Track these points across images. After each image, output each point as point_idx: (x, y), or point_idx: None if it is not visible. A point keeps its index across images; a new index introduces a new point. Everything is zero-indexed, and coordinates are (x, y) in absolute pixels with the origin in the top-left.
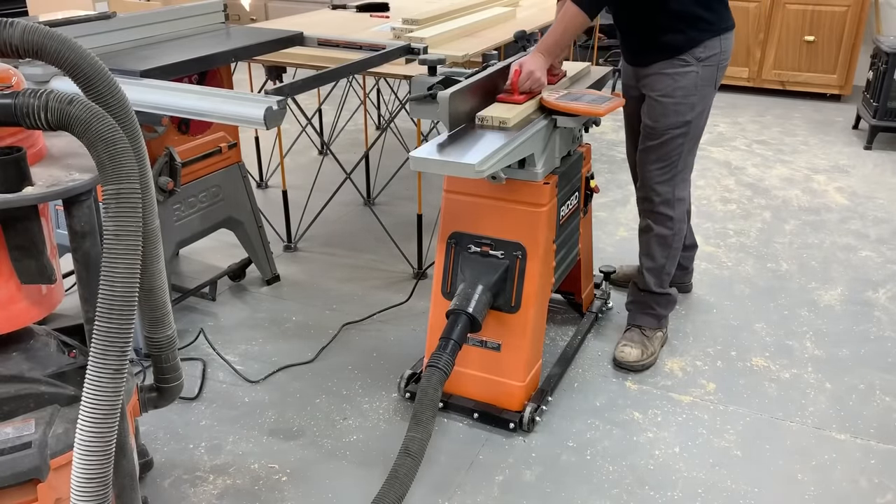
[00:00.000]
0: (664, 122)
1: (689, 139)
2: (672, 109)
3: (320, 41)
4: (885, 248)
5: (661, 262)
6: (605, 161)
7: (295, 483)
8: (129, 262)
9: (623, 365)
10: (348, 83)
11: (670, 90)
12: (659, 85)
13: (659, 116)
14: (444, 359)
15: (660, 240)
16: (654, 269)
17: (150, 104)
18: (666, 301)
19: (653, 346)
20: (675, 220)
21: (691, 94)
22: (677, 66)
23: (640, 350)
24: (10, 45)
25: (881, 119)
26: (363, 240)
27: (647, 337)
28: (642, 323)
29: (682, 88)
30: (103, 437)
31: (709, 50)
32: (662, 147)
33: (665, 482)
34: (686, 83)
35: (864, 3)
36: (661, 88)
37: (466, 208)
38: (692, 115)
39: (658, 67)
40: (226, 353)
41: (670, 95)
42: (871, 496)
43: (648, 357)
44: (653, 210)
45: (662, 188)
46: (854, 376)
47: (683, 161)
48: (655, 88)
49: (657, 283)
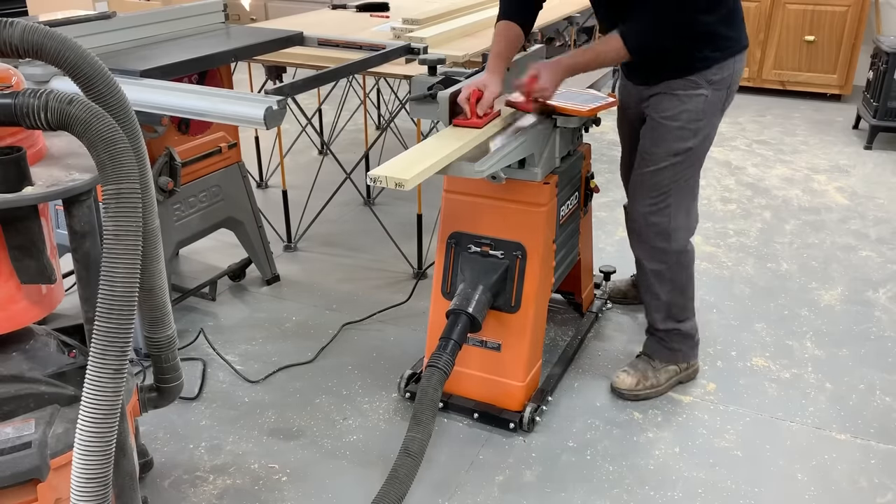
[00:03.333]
0: (664, 147)
1: (689, 168)
2: (674, 134)
3: (320, 41)
4: (886, 248)
5: (664, 298)
6: (605, 161)
7: (295, 483)
8: (129, 262)
9: (615, 391)
10: (348, 83)
11: (675, 112)
12: (664, 105)
13: (659, 140)
14: (444, 359)
15: (657, 276)
16: (659, 307)
17: (150, 104)
18: (679, 336)
19: (656, 378)
20: (669, 253)
21: (697, 118)
22: (688, 88)
23: (637, 379)
24: (10, 45)
25: (881, 119)
26: (363, 240)
27: (652, 367)
28: (652, 353)
29: (689, 112)
30: (103, 437)
31: (722, 71)
32: (658, 174)
33: (665, 482)
34: (693, 106)
35: (864, 3)
36: (666, 109)
37: (466, 208)
38: (694, 142)
39: (665, 87)
40: (226, 353)
41: (675, 119)
42: (871, 496)
43: (646, 389)
44: (644, 242)
45: (656, 218)
46: (854, 376)
47: (684, 190)
48: (659, 109)
49: (664, 319)
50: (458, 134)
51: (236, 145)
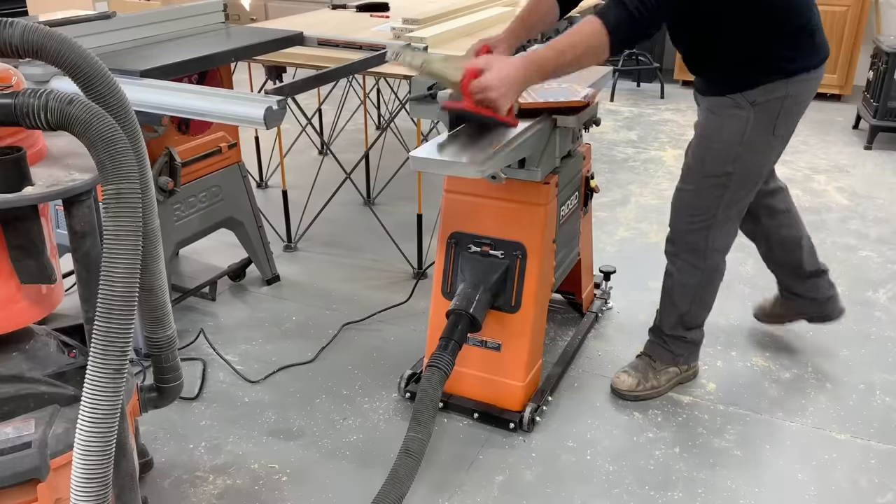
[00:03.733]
0: (701, 168)
1: (733, 191)
2: (711, 157)
3: (320, 41)
4: (886, 248)
5: (682, 308)
6: (605, 161)
7: (295, 483)
8: (129, 263)
9: (615, 392)
10: (348, 83)
11: (712, 132)
12: (706, 123)
13: (697, 160)
14: (445, 359)
15: (682, 287)
16: (673, 314)
17: (150, 104)
18: (682, 343)
19: (657, 380)
20: (702, 272)
21: (736, 142)
22: (727, 106)
23: (638, 380)
24: (10, 45)
25: (881, 119)
26: (363, 240)
27: (653, 369)
28: (653, 354)
29: (726, 136)
30: (103, 437)
31: (769, 94)
32: (698, 195)
33: (665, 482)
34: (733, 128)
35: (864, 3)
36: (707, 128)
37: (466, 208)
38: (734, 168)
39: (710, 102)
40: (226, 353)
41: (713, 139)
42: (871, 496)
43: (647, 390)
44: (677, 255)
45: (692, 237)
46: (854, 376)
47: (725, 211)
48: (703, 126)
49: (674, 325)
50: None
51: (236, 145)
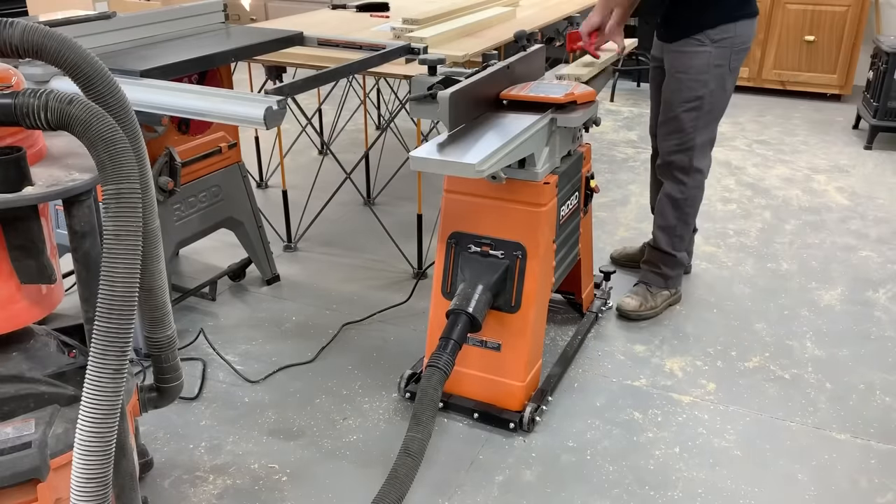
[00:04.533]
0: (678, 96)
1: (704, 113)
2: (685, 85)
3: (320, 41)
4: (886, 248)
5: (671, 222)
6: (605, 161)
7: (295, 483)
8: (129, 263)
9: (621, 312)
10: (348, 83)
11: (685, 67)
12: (676, 62)
13: (674, 91)
14: (445, 359)
15: (671, 200)
16: (665, 228)
17: (150, 104)
18: (673, 262)
19: (654, 301)
20: (687, 186)
21: (703, 72)
22: (693, 46)
23: (640, 302)
24: (10, 45)
25: (881, 119)
26: (363, 240)
27: (650, 292)
28: (648, 280)
29: (695, 67)
30: (103, 437)
31: (722, 33)
32: (676, 121)
33: (665, 482)
34: (699, 62)
35: (864, 3)
36: (678, 65)
37: (466, 208)
38: (704, 91)
39: (677, 45)
40: (226, 353)
41: (684, 72)
42: (871, 496)
43: (647, 310)
44: (668, 173)
45: (677, 157)
46: (854, 376)
47: (699, 134)
48: (673, 65)
49: (667, 242)
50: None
51: (236, 145)
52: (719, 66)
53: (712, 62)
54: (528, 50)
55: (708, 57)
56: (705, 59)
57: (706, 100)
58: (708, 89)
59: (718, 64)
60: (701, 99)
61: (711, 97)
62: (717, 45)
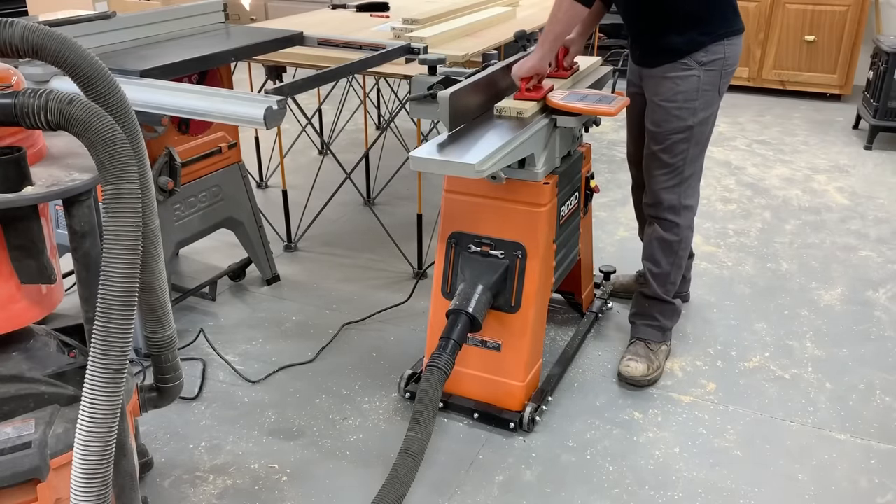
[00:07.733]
0: (666, 126)
1: (694, 144)
2: (674, 114)
3: (320, 41)
4: (886, 248)
5: (665, 268)
6: (605, 161)
7: (295, 483)
8: (129, 263)
9: (629, 380)
10: (348, 83)
11: (671, 94)
12: (661, 89)
13: (661, 121)
14: (444, 359)
15: (663, 245)
16: (658, 276)
17: (150, 104)
18: (671, 312)
19: (658, 359)
20: (681, 227)
21: (692, 98)
22: (679, 70)
23: (647, 365)
24: (10, 45)
25: (881, 119)
26: (363, 240)
27: (651, 351)
28: (646, 336)
29: (684, 93)
30: (103, 437)
31: (711, 54)
32: (667, 152)
33: (665, 482)
34: (687, 87)
35: (865, 3)
36: (663, 93)
37: (466, 208)
38: (694, 121)
39: (660, 71)
40: (226, 353)
41: (671, 100)
42: (871, 496)
43: (654, 372)
44: (657, 215)
45: (667, 195)
46: (854, 376)
47: (690, 167)
48: (658, 92)
49: (662, 290)
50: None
51: (236, 145)
52: (707, 90)
53: (701, 87)
54: (527, 50)
55: (696, 82)
56: (693, 83)
57: (696, 129)
58: (697, 118)
59: (707, 89)
60: (690, 129)
61: (701, 126)
62: (705, 69)
